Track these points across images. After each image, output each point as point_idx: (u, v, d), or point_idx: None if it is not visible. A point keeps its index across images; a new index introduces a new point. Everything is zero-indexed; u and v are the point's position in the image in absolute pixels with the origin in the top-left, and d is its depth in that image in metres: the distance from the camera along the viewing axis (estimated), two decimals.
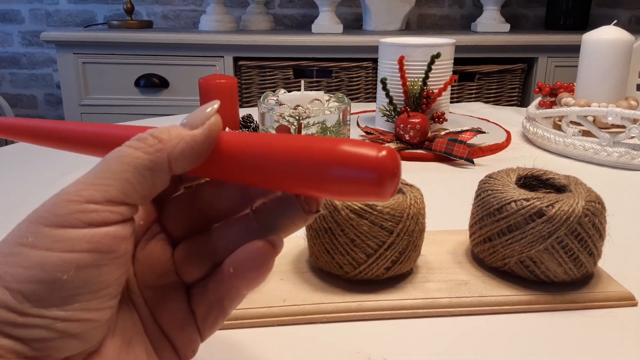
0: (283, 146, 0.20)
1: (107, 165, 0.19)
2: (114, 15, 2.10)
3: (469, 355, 0.33)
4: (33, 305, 0.18)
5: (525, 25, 2.11)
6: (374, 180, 0.18)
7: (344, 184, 0.19)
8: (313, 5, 1.96)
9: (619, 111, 0.69)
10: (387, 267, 0.37)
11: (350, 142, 0.19)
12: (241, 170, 0.21)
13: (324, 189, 0.20)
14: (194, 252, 0.23)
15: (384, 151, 0.18)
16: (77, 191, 0.19)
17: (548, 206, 0.36)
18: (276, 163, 0.20)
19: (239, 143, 0.21)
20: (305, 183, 0.20)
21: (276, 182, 0.21)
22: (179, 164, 0.20)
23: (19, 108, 2.21)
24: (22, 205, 0.56)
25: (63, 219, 0.18)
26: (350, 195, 0.19)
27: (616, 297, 0.37)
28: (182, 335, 0.23)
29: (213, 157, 0.21)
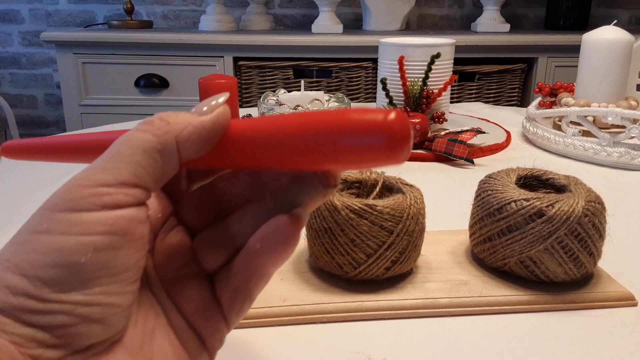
0: (291, 124, 0.20)
1: (117, 150, 0.19)
2: (114, 15, 2.10)
3: (469, 355, 0.33)
4: (52, 290, 0.17)
5: (525, 26, 2.11)
6: (386, 144, 0.18)
7: (357, 152, 0.19)
8: (313, 5, 1.96)
9: (619, 111, 0.69)
10: (387, 267, 0.37)
11: (358, 111, 0.19)
12: (253, 156, 0.21)
13: (338, 160, 0.20)
14: (213, 240, 0.23)
15: (392, 114, 0.19)
16: (88, 176, 0.19)
17: (548, 206, 0.36)
18: (287, 142, 0.20)
19: (247, 129, 0.21)
20: (319, 158, 0.20)
21: (289, 161, 0.21)
22: (186, 149, 0.20)
23: (19, 108, 2.21)
24: (22, 205, 0.56)
25: (76, 203, 0.18)
26: (365, 163, 0.19)
27: (616, 297, 0.37)
28: (207, 325, 0.23)
29: (223, 147, 0.21)
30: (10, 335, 0.17)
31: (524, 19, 2.11)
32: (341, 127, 0.19)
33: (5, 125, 2.08)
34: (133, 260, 0.19)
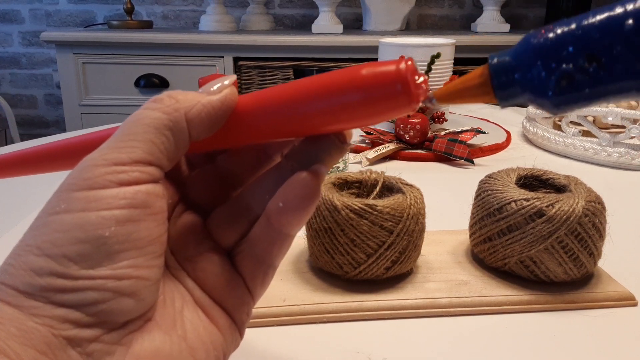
0: (303, 90, 0.20)
1: (128, 129, 0.19)
2: (114, 16, 2.10)
3: (469, 355, 0.33)
4: (80, 266, 0.17)
5: (526, 26, 2.11)
6: (402, 92, 0.19)
7: (373, 107, 0.20)
8: (313, 5, 1.96)
9: (619, 111, 0.69)
10: (387, 267, 0.37)
11: (367, 66, 0.19)
12: (265, 131, 0.21)
13: (356, 118, 0.20)
14: (227, 216, 0.23)
15: (402, 63, 0.19)
16: (102, 156, 0.19)
17: (548, 206, 0.36)
18: (301, 110, 0.20)
19: (255, 104, 0.21)
20: (334, 121, 0.20)
21: (305, 128, 0.21)
22: (196, 127, 0.20)
23: (19, 108, 2.21)
24: (22, 205, 0.56)
25: (93, 181, 0.18)
26: (381, 115, 0.20)
27: (616, 297, 0.37)
28: (232, 299, 0.23)
29: (233, 126, 0.21)
30: (41, 318, 0.17)
31: (524, 19, 2.11)
32: (358, 85, 0.19)
33: (5, 125, 2.08)
34: (155, 233, 0.19)
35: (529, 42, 0.18)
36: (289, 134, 0.22)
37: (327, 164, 0.22)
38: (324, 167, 0.22)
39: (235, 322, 0.23)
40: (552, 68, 0.18)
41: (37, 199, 0.59)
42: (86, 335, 0.18)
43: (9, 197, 0.59)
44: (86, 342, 0.18)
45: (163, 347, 0.20)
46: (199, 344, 0.21)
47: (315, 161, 0.22)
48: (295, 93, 0.20)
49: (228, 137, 0.22)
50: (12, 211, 0.55)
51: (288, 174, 0.22)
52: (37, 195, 0.58)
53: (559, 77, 0.18)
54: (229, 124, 0.21)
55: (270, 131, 0.21)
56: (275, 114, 0.21)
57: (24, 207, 0.55)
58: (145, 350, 0.19)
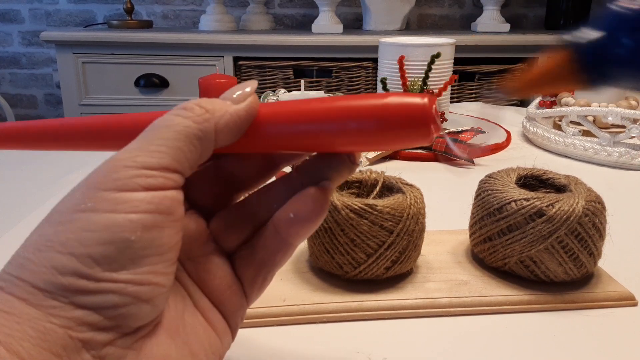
0: (325, 110, 0.21)
1: (159, 133, 0.19)
2: (113, 15, 2.10)
3: (469, 355, 0.33)
4: (103, 269, 0.17)
5: (525, 26, 2.11)
6: (424, 125, 0.20)
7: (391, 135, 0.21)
8: (313, 5, 1.96)
9: (619, 111, 0.69)
10: (387, 267, 0.37)
11: (391, 95, 0.20)
12: (281, 141, 0.22)
13: (372, 143, 0.21)
14: (231, 220, 0.24)
15: (426, 98, 0.20)
16: (132, 157, 0.19)
17: (548, 206, 0.36)
18: (320, 129, 0.21)
19: (276, 115, 0.22)
20: (352, 142, 0.21)
21: (321, 146, 0.22)
22: (223, 137, 0.21)
23: (19, 108, 2.21)
24: (22, 205, 0.56)
25: (122, 182, 0.18)
26: (397, 144, 0.21)
27: (616, 297, 0.37)
28: (230, 303, 0.23)
29: (252, 133, 0.22)
30: (60, 319, 0.17)
31: (524, 19, 2.11)
32: (378, 113, 0.20)
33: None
34: (175, 240, 0.19)
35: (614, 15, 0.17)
36: (303, 149, 0.22)
37: (336, 181, 0.23)
38: (333, 184, 0.23)
39: (230, 325, 0.23)
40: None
41: (37, 199, 0.59)
42: (101, 338, 0.18)
43: (9, 197, 0.59)
44: (100, 345, 0.18)
45: (169, 352, 0.20)
46: (200, 348, 0.21)
47: (325, 177, 0.23)
48: (317, 111, 0.21)
49: (243, 144, 0.22)
50: (12, 211, 0.55)
51: (298, 186, 0.23)
52: (37, 196, 0.58)
53: None
54: (247, 131, 0.22)
55: (285, 143, 0.22)
56: (294, 128, 0.21)
57: (24, 207, 0.55)
58: (155, 355, 0.19)
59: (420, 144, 0.21)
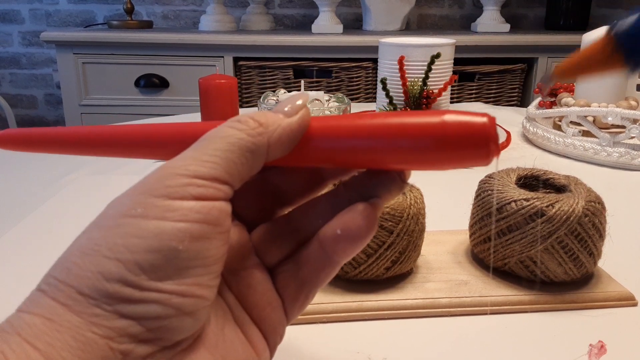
0: (378, 127, 0.20)
1: (212, 144, 0.19)
2: (114, 15, 2.10)
3: (469, 355, 0.33)
4: (149, 277, 0.17)
5: (525, 26, 2.11)
6: (482, 147, 0.19)
7: (448, 155, 0.19)
8: (313, 5, 1.96)
9: (619, 111, 0.69)
10: (387, 267, 0.37)
11: (449, 113, 0.19)
12: (331, 156, 0.21)
13: (426, 162, 0.20)
14: (274, 234, 0.23)
15: (485, 117, 0.19)
16: (185, 166, 0.19)
17: (548, 206, 0.36)
18: (372, 145, 0.20)
19: (327, 127, 0.21)
20: (405, 160, 0.20)
21: (372, 163, 0.21)
22: (275, 150, 0.20)
23: (19, 108, 2.21)
24: (22, 205, 0.56)
25: (173, 190, 0.18)
26: (453, 164, 0.20)
27: (616, 297, 0.37)
28: (270, 320, 0.22)
29: (302, 147, 0.21)
30: (102, 328, 0.17)
31: (524, 19, 2.11)
32: (435, 131, 0.19)
33: (5, 125, 2.08)
34: (221, 252, 0.19)
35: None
36: (353, 165, 0.22)
37: (386, 199, 0.22)
38: (382, 202, 0.22)
39: (269, 344, 0.23)
40: None
41: (37, 199, 0.59)
42: (141, 351, 0.17)
43: (9, 197, 0.59)
44: (140, 358, 0.17)
45: None
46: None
47: (374, 195, 0.22)
48: (370, 127, 0.20)
49: (292, 157, 0.22)
50: (12, 211, 0.55)
51: (345, 203, 0.22)
52: (37, 196, 0.58)
53: None
54: (297, 144, 0.21)
55: (335, 158, 0.21)
56: (345, 143, 0.21)
57: (24, 207, 0.55)
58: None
59: (477, 166, 0.20)
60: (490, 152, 0.19)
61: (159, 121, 0.98)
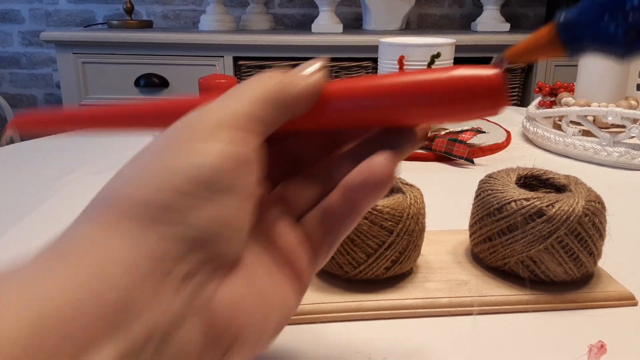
0: (392, 86, 0.22)
1: (241, 92, 0.21)
2: (113, 15, 2.10)
3: (469, 355, 0.33)
4: (190, 203, 0.18)
5: (526, 25, 2.11)
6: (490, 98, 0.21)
7: (462, 107, 0.21)
8: (313, 5, 1.96)
9: (619, 111, 0.69)
10: (387, 267, 0.37)
11: (462, 68, 0.21)
12: (347, 116, 0.23)
13: (441, 115, 0.22)
14: (299, 186, 0.25)
15: (493, 70, 0.21)
16: (219, 107, 0.20)
17: (548, 206, 0.36)
18: (386, 104, 0.22)
19: (343, 89, 0.23)
20: (422, 115, 0.22)
21: (389, 120, 0.23)
22: (295, 106, 0.22)
23: (19, 108, 2.21)
24: (22, 205, 0.56)
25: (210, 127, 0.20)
26: (465, 115, 0.21)
27: (616, 297, 0.37)
28: (297, 266, 0.23)
29: (320, 108, 0.23)
30: (150, 246, 0.18)
31: (524, 18, 2.11)
32: (450, 85, 0.21)
33: (5, 125, 2.08)
34: (253, 186, 0.20)
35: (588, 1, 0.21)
36: (369, 123, 0.23)
37: (403, 153, 0.24)
38: (401, 154, 0.23)
39: (297, 291, 0.24)
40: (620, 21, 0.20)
41: (37, 199, 0.59)
42: (190, 265, 0.18)
43: (9, 197, 0.59)
44: (185, 275, 0.18)
45: (243, 300, 0.20)
46: (271, 303, 0.22)
47: (393, 148, 0.23)
48: (384, 87, 0.22)
49: (310, 120, 0.23)
50: (12, 211, 0.55)
51: (365, 156, 0.23)
52: (37, 196, 0.58)
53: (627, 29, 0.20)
54: (315, 107, 0.23)
55: (352, 119, 0.23)
56: (361, 103, 0.22)
57: (24, 207, 0.55)
58: (229, 298, 0.20)
59: (487, 116, 0.21)
60: (498, 102, 0.21)
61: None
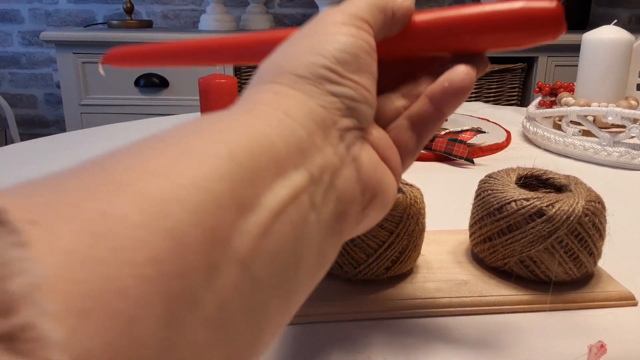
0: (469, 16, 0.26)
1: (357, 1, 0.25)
2: (113, 15, 2.10)
3: (469, 355, 0.33)
4: (344, 68, 0.22)
5: None
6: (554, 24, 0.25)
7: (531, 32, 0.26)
8: (313, 4, 1.96)
9: (619, 111, 0.69)
10: (387, 267, 0.37)
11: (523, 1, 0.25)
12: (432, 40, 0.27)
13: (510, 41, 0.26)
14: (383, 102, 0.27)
15: (555, 2, 0.25)
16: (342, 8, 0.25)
17: (548, 206, 0.36)
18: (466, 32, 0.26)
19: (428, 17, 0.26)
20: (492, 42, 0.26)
21: (463, 46, 0.27)
22: (394, 20, 0.26)
23: (18, 108, 2.21)
24: None
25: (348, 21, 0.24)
26: (532, 42, 0.26)
27: (616, 297, 0.37)
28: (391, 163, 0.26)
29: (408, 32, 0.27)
30: (318, 100, 0.22)
31: None
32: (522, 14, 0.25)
33: (5, 124, 2.08)
34: (376, 71, 0.24)
35: None
36: (446, 49, 0.27)
37: (477, 73, 0.27)
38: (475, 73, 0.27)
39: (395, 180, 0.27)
40: None
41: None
42: (345, 124, 0.22)
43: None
44: (344, 128, 0.22)
45: (375, 166, 0.24)
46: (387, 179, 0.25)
47: None
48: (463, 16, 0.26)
49: (398, 43, 0.27)
50: None
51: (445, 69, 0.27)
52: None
53: None
54: (403, 30, 0.26)
55: (432, 43, 0.27)
56: (445, 30, 0.26)
57: None
58: (367, 160, 0.23)
59: (548, 41, 0.25)
60: (560, 28, 0.25)
61: (159, 121, 0.98)
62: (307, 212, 0.19)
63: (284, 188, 0.18)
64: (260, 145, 0.18)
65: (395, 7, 0.26)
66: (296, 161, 0.19)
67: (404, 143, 0.27)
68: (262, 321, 0.17)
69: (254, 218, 0.16)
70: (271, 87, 0.22)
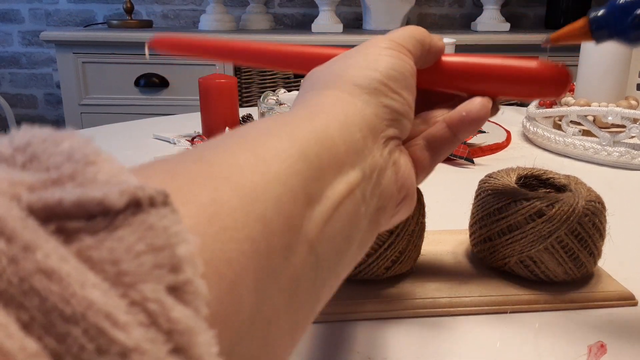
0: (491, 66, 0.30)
1: (401, 30, 0.29)
2: (113, 15, 2.10)
3: (469, 355, 0.33)
4: (394, 84, 0.25)
5: (526, 25, 2.11)
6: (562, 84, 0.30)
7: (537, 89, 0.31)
8: (313, 4, 1.96)
9: (619, 111, 0.69)
10: (387, 267, 0.37)
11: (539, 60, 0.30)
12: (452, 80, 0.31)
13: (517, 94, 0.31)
14: None
15: (562, 66, 0.30)
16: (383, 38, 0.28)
17: (548, 206, 0.36)
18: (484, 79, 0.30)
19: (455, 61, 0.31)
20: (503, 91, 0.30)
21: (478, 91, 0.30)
22: (428, 54, 0.30)
23: (18, 108, 2.21)
24: None
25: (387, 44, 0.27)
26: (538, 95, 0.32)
27: (616, 297, 0.37)
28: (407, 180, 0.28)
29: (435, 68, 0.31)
30: (371, 109, 0.24)
31: (524, 18, 2.11)
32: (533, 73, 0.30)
33: (5, 125, 2.08)
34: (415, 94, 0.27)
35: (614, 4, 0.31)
36: (463, 90, 0.31)
37: None
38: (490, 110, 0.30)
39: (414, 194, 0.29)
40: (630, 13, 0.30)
41: None
42: (389, 132, 0.25)
43: None
44: (389, 136, 0.25)
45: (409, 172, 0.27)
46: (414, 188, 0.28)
47: None
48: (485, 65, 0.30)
49: (425, 76, 0.30)
50: None
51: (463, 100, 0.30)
52: None
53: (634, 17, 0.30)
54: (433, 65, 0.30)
55: (453, 82, 0.31)
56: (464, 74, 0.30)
57: None
58: (404, 165, 0.26)
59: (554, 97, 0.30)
60: (566, 88, 0.30)
61: (159, 121, 0.98)
62: (359, 204, 0.22)
63: (342, 183, 0.21)
64: (325, 146, 0.21)
65: (433, 43, 0.30)
66: (353, 160, 0.22)
67: (419, 160, 0.29)
68: (320, 294, 0.21)
69: (320, 208, 0.19)
70: (332, 93, 0.25)
